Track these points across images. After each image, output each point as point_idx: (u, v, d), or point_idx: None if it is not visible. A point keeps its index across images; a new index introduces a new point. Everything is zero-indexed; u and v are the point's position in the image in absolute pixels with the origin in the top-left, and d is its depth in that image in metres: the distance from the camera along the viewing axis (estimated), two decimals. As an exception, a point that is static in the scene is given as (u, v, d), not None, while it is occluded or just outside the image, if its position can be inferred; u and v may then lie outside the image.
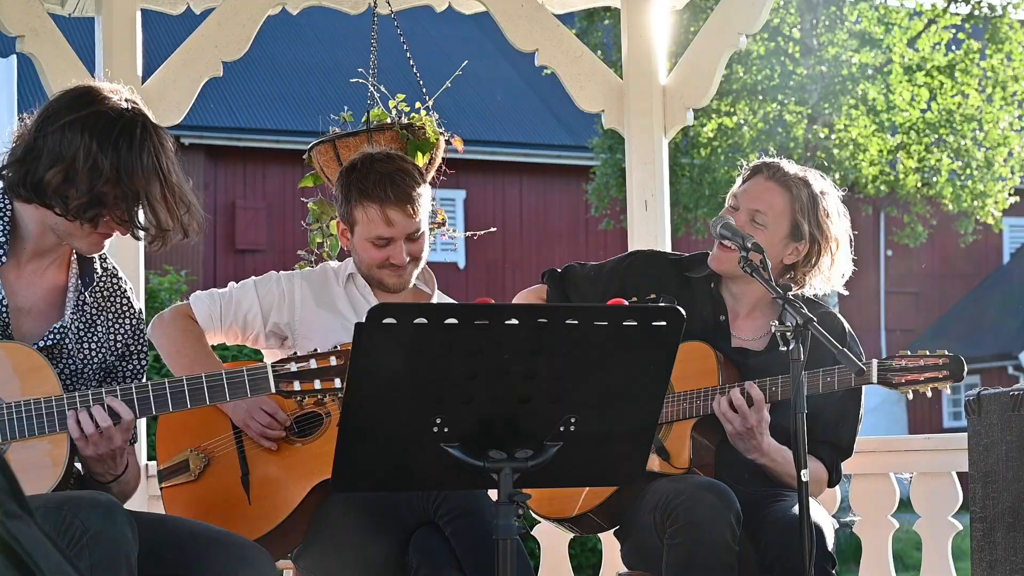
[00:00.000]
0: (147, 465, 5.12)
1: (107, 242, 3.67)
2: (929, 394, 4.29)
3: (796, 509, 3.82)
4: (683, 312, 3.10)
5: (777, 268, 4.40)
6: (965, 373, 4.25)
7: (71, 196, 3.51)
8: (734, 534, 4.05)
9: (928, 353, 4.26)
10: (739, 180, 4.53)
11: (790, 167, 4.47)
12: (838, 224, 4.44)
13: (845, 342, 4.38)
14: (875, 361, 4.26)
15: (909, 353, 4.26)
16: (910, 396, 4.31)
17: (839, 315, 4.52)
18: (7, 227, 3.65)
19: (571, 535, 5.20)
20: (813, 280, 4.46)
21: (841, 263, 4.45)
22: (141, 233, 3.57)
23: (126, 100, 3.60)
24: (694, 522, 4.03)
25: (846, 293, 4.61)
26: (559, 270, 4.75)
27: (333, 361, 3.63)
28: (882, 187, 21.38)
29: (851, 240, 4.50)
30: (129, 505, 3.68)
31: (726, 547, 4.03)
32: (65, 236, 3.62)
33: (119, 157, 3.49)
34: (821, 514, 4.30)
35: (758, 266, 4.04)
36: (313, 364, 3.63)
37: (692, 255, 4.65)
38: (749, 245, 4.09)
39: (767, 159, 4.52)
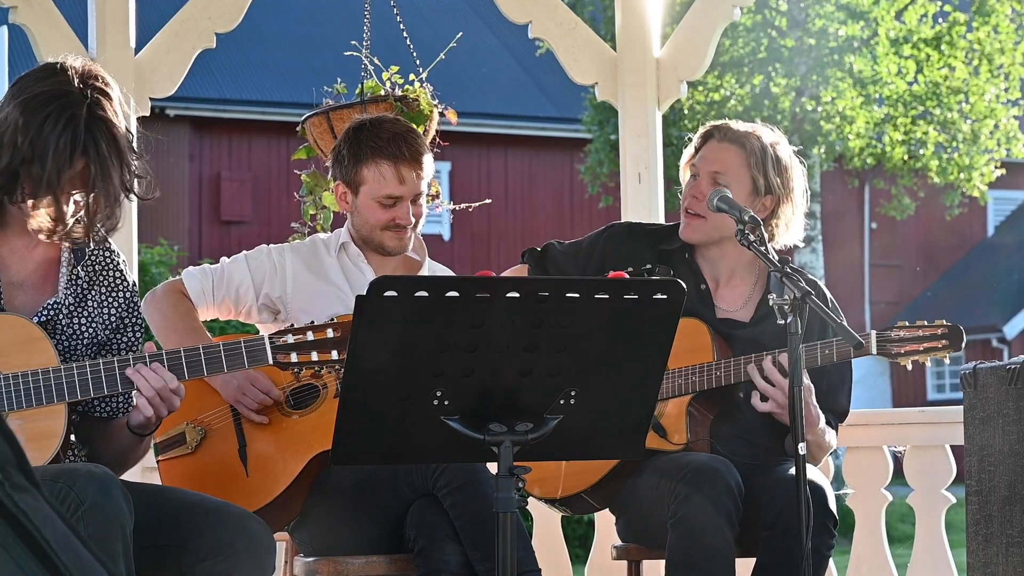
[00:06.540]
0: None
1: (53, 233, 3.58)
2: (929, 364, 4.31)
3: (793, 471, 3.84)
4: (684, 285, 3.10)
5: None
6: (964, 343, 4.25)
7: None
8: (733, 528, 4.08)
9: (927, 323, 4.27)
10: (691, 148, 4.52)
11: (740, 125, 4.49)
12: (794, 173, 4.47)
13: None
14: (874, 332, 4.28)
15: (907, 324, 4.27)
16: (909, 367, 4.33)
17: (821, 284, 4.54)
18: None
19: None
20: (780, 233, 4.47)
21: (801, 212, 4.49)
22: (40, 217, 3.50)
23: (85, 80, 3.50)
24: (691, 531, 4.06)
25: (802, 246, 4.65)
26: (539, 249, 4.74)
27: (330, 333, 3.61)
28: (868, 159, 21.37)
29: (806, 190, 4.53)
30: (125, 476, 3.68)
31: (723, 552, 4.06)
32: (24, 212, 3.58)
33: (39, 136, 3.43)
34: (819, 475, 4.33)
35: (754, 241, 4.04)
36: (310, 336, 3.61)
37: (666, 226, 4.65)
38: (746, 218, 4.07)
39: (716, 123, 4.53)
